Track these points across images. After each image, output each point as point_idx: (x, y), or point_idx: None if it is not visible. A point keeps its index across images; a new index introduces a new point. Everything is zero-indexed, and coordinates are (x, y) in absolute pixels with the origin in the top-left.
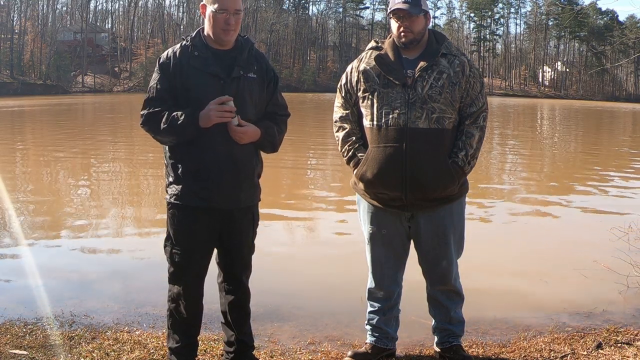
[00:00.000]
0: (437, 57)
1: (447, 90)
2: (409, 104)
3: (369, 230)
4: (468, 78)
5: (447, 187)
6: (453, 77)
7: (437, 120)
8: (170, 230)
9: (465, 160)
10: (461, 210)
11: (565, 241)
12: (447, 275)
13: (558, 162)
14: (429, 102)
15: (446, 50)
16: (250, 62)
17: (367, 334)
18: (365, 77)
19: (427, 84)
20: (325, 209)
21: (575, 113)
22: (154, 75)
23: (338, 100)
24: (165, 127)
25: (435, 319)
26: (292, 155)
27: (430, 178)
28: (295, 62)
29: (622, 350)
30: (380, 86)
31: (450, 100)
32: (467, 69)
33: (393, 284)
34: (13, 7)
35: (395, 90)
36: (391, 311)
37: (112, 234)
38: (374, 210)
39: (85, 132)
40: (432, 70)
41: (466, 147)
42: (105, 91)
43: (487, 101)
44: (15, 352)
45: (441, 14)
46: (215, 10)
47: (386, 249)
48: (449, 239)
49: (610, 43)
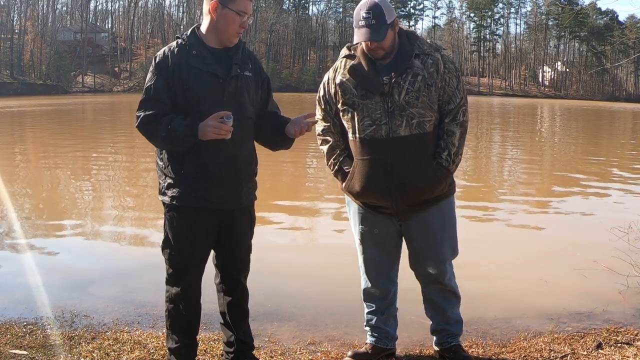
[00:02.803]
0: (410, 59)
1: (423, 93)
2: (388, 113)
3: (360, 231)
4: (443, 75)
5: (435, 189)
6: (428, 79)
7: (417, 125)
8: (169, 233)
9: (449, 159)
10: (451, 209)
11: (565, 241)
12: (441, 275)
13: (558, 162)
14: (407, 109)
15: (419, 50)
16: (245, 61)
17: (367, 334)
18: (343, 89)
19: (402, 90)
20: (325, 209)
21: (575, 113)
22: (150, 75)
23: (318, 113)
24: (163, 136)
25: (433, 320)
26: (292, 156)
27: (417, 183)
28: (295, 62)
29: (622, 350)
30: (359, 98)
31: (427, 102)
32: (441, 66)
33: (388, 282)
34: (13, 7)
35: (374, 100)
36: (388, 309)
37: (112, 234)
38: (364, 212)
39: (86, 132)
40: (406, 74)
41: (449, 147)
42: (105, 91)
43: (465, 95)
44: (15, 352)
45: (441, 14)
46: (235, 11)
47: (379, 248)
48: (440, 238)
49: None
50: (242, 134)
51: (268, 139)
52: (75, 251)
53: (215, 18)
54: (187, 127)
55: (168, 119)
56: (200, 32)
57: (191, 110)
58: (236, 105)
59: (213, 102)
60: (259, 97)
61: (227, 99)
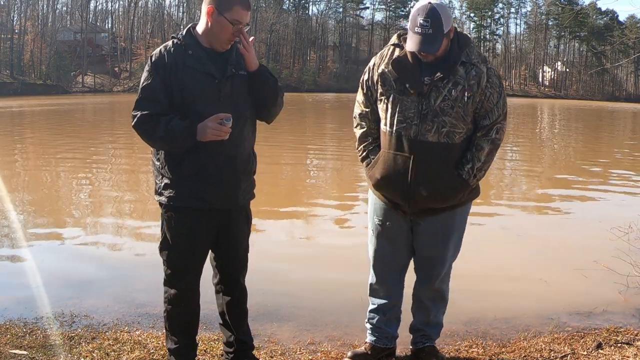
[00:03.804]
0: (455, 66)
1: (459, 104)
2: (421, 115)
3: (375, 222)
4: (484, 90)
5: (449, 200)
6: (467, 90)
7: (447, 134)
8: (167, 234)
9: (470, 173)
10: (465, 215)
11: (565, 241)
12: (437, 277)
13: (558, 162)
14: (440, 116)
15: (466, 58)
16: (239, 61)
17: (367, 332)
18: (383, 80)
19: (440, 94)
20: (325, 209)
21: (575, 113)
22: (146, 75)
23: (359, 96)
24: (162, 136)
25: (414, 318)
26: (292, 156)
27: (433, 190)
28: (295, 62)
29: (622, 350)
30: (396, 92)
31: (462, 114)
32: (484, 80)
33: (394, 280)
34: (13, 7)
35: (410, 98)
36: (391, 311)
37: (112, 234)
38: (381, 204)
39: (85, 132)
40: (447, 80)
41: (474, 160)
42: (105, 91)
43: (504, 113)
44: (15, 352)
45: None
46: (229, 20)
47: (390, 244)
48: (448, 241)
49: (610, 43)
50: (240, 134)
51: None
52: (75, 251)
53: (210, 23)
54: (185, 129)
55: (166, 119)
56: (195, 32)
57: (187, 110)
58: (232, 105)
59: (209, 102)
60: None
61: (223, 99)
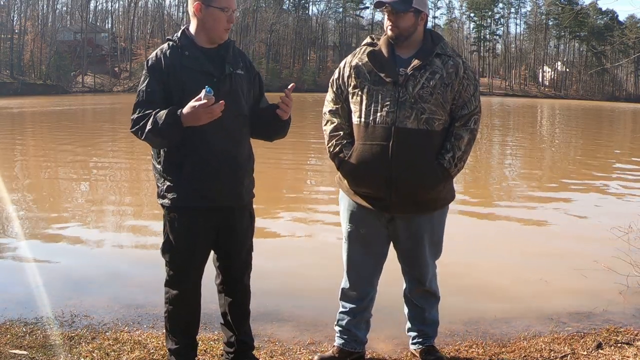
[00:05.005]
0: (430, 56)
1: (438, 91)
2: (398, 102)
3: (347, 229)
4: (461, 80)
5: (432, 189)
6: (445, 78)
7: (426, 121)
8: (170, 235)
9: (451, 162)
10: (442, 220)
11: (565, 241)
12: (424, 277)
13: (557, 162)
14: (419, 102)
15: (441, 50)
16: (236, 60)
17: (336, 335)
18: (357, 72)
19: (418, 83)
20: (325, 209)
21: (575, 113)
22: (143, 78)
23: (329, 95)
24: (150, 129)
25: (410, 320)
26: (293, 156)
27: (414, 178)
28: (295, 62)
29: (622, 350)
30: (371, 83)
31: (441, 101)
32: (461, 70)
33: (368, 286)
34: (13, 7)
35: (386, 87)
36: (362, 314)
37: (112, 234)
38: (355, 209)
39: (85, 132)
40: (424, 69)
41: (454, 149)
42: (105, 91)
43: (480, 104)
44: (15, 352)
45: (441, 14)
46: (219, 8)
47: (365, 249)
48: (425, 244)
49: (610, 43)
50: (240, 131)
51: (264, 130)
52: (76, 251)
53: (202, 18)
54: (168, 115)
55: (154, 113)
56: (190, 33)
57: None
58: (232, 103)
59: None
60: (252, 95)
61: (223, 97)
